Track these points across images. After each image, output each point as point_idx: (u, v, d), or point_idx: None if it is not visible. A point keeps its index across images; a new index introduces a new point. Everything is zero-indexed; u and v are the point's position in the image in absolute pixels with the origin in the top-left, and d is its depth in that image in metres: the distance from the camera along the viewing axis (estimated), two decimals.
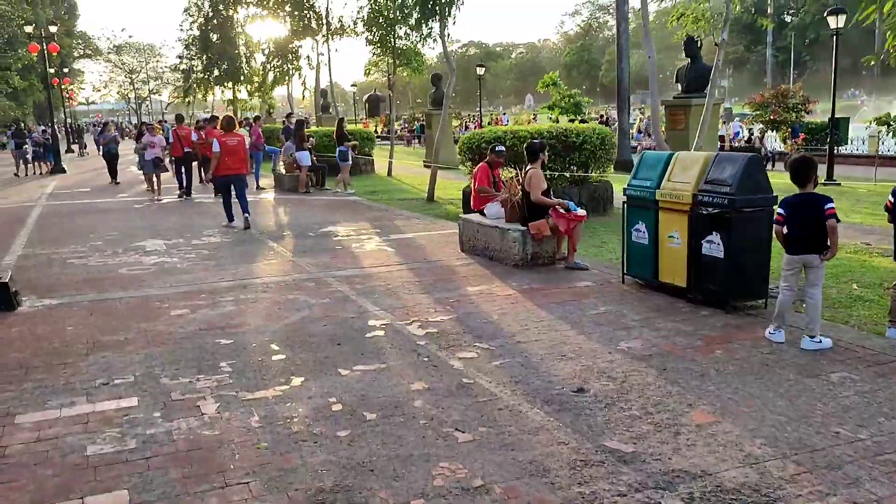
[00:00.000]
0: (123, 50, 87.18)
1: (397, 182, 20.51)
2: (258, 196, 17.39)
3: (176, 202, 16.32)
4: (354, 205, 15.29)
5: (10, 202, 17.36)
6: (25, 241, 11.27)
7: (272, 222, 13.05)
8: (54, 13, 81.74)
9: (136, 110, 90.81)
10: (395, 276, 8.22)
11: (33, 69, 62.50)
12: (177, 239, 11.08)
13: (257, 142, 19.00)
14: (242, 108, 48.24)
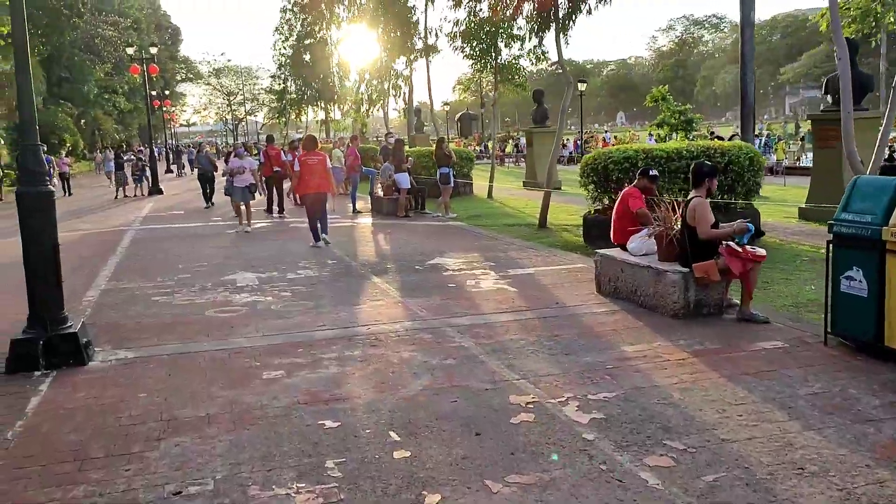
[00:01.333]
0: (222, 73, 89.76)
1: (499, 205, 19.13)
2: (355, 220, 16.32)
3: (268, 226, 15.42)
4: (459, 231, 13.97)
5: (106, 226, 16.88)
6: (112, 271, 10.42)
7: (372, 252, 11.84)
8: (158, 38, 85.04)
9: (233, 131, 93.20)
10: (527, 328, 6.77)
11: (138, 92, 64.73)
12: (270, 271, 9.98)
13: (354, 163, 18.00)
14: (335, 128, 48.14)
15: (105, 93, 62.62)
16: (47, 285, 6.00)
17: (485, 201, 20.02)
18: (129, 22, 60.92)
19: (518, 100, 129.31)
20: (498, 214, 16.65)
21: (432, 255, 11.02)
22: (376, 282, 9.15)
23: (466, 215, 16.36)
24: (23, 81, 6.05)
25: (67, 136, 47.22)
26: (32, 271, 5.98)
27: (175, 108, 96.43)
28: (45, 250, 6.00)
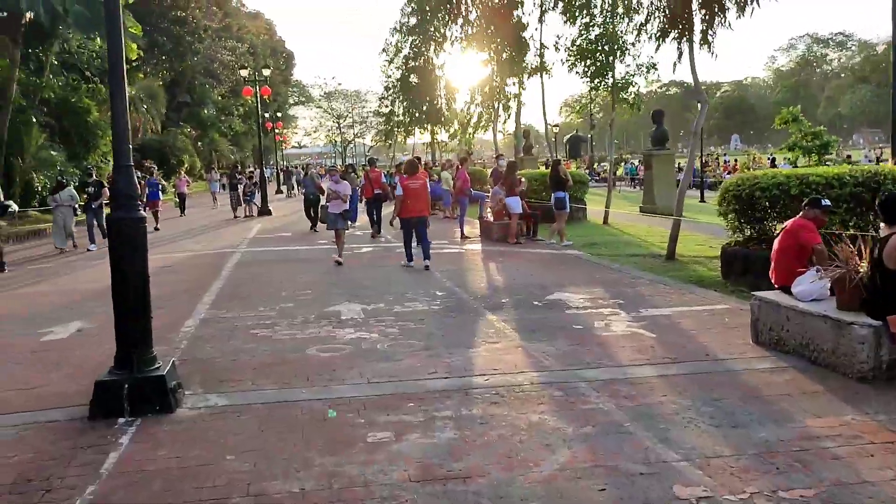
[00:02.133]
0: (333, 97, 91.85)
1: (617, 232, 17.88)
2: (463, 246, 15.51)
3: (372, 250, 14.81)
4: (576, 261, 12.90)
5: (214, 247, 16.77)
6: (214, 297, 9.96)
7: (484, 283, 10.94)
8: (273, 63, 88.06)
9: (342, 153, 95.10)
10: (677, 386, 5.67)
11: (252, 114, 66.94)
12: (376, 302, 9.24)
13: (463, 186, 17.23)
14: (442, 150, 47.86)
15: (222, 115, 65.09)
16: (135, 321, 5.41)
17: (601, 228, 18.83)
18: (246, 47, 63.10)
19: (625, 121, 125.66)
20: (617, 243, 15.44)
21: (550, 288, 10.01)
22: (491, 319, 8.23)
23: (583, 243, 15.26)
24: (118, 103, 5.50)
25: (186, 157, 48.98)
26: (120, 305, 5.41)
27: (286, 131, 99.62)
28: (134, 282, 5.42)
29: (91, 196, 17.16)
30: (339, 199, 13.10)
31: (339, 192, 13.12)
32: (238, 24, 75.03)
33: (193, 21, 46.07)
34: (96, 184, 17.48)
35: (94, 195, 17.11)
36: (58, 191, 16.92)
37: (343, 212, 13.17)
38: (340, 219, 13.12)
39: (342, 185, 13.37)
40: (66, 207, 16.35)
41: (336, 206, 13.11)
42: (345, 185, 13.50)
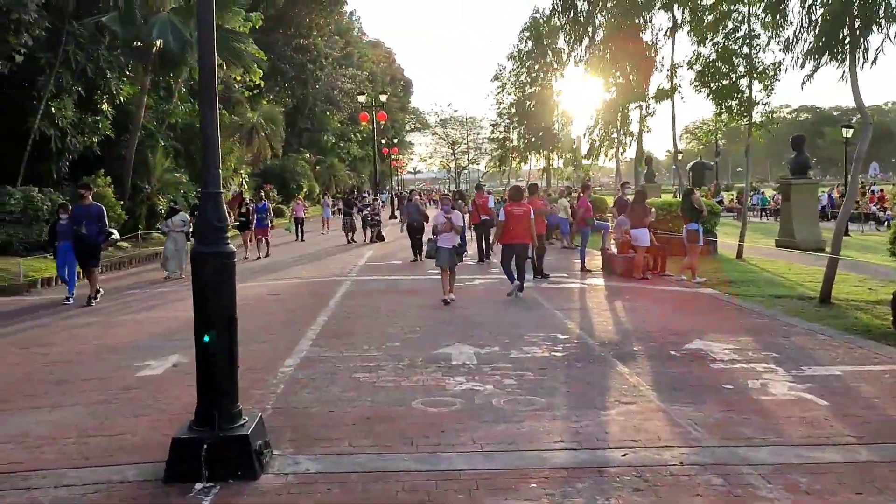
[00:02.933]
0: (448, 123, 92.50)
1: (754, 268, 16.24)
2: (584, 280, 14.38)
3: (484, 283, 13.92)
4: (714, 302, 11.55)
5: (324, 274, 16.38)
6: (318, 331, 9.34)
7: (610, 325, 9.81)
8: (391, 91, 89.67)
9: (455, 179, 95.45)
10: (875, 481, 4.44)
11: (370, 140, 68.11)
12: (490, 345, 8.33)
13: (585, 215, 16.13)
14: (558, 177, 46.73)
15: (340, 141, 66.49)
16: (218, 372, 4.73)
17: (735, 263, 17.20)
18: (366, 75, 64.35)
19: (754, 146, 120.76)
20: (758, 281, 13.88)
21: (688, 335, 8.79)
22: (623, 372, 7.14)
23: (717, 280, 13.82)
24: (208, 125, 4.89)
25: (305, 182, 50.03)
26: (202, 353, 4.73)
27: (402, 156, 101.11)
28: (219, 328, 4.72)
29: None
30: (452, 231, 11.56)
31: (453, 223, 11.55)
32: (359, 52, 76.92)
33: (315, 49, 47.16)
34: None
35: None
36: (170, 216, 16.78)
37: (455, 246, 11.59)
38: (452, 255, 11.57)
39: (455, 216, 11.77)
40: (179, 233, 16.00)
41: (447, 239, 11.54)
42: (457, 216, 11.89)
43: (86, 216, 12.04)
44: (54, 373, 7.57)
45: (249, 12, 30.53)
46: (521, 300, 11.69)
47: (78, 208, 12.37)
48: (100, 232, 12.17)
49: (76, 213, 12.27)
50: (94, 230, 12.06)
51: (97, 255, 12.61)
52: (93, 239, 12.09)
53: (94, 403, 6.40)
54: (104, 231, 12.19)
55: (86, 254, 12.24)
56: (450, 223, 11.56)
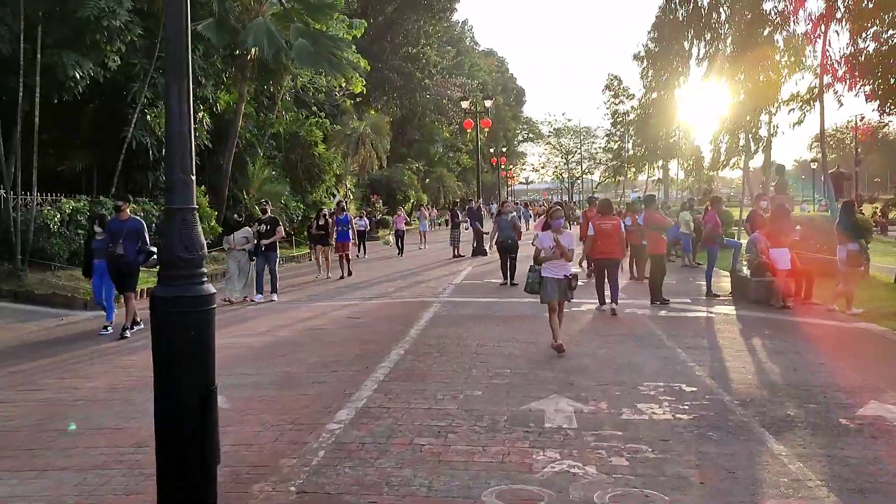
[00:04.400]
0: (562, 132, 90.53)
1: None
2: (711, 308, 12.26)
3: (594, 311, 12.05)
4: (880, 343, 9.28)
5: (413, 294, 14.94)
6: (389, 370, 7.84)
7: (751, 373, 7.75)
8: (504, 100, 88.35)
9: (569, 189, 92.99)
10: None
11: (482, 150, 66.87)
12: (596, 399, 6.56)
13: (714, 231, 13.91)
14: (677, 188, 43.85)
15: (450, 151, 65.58)
16: (182, 469, 3.26)
17: (894, 290, 14.52)
18: (476, 84, 63.13)
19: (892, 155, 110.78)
20: None
21: (859, 393, 6.72)
22: (777, 452, 5.22)
23: (879, 312, 11.40)
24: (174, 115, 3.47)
25: (412, 193, 49.25)
26: (162, 439, 3.30)
27: (514, 167, 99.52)
28: (185, 407, 3.27)
29: (261, 235, 14.12)
30: (562, 256, 8.65)
31: (563, 245, 8.62)
32: (470, 61, 75.98)
33: (424, 58, 46.36)
34: (270, 221, 14.44)
35: (266, 233, 14.15)
36: (236, 230, 14.42)
37: (567, 277, 8.71)
38: (563, 288, 8.70)
39: (565, 237, 8.81)
40: (241, 252, 13.93)
41: (556, 268, 8.70)
42: (568, 237, 8.88)
43: (122, 232, 10.40)
44: (70, 416, 6.41)
45: (354, 19, 29.90)
46: (636, 335, 9.80)
47: (113, 223, 10.77)
48: (139, 251, 10.44)
49: (111, 229, 10.62)
50: (132, 249, 10.40)
51: (135, 277, 10.80)
52: (130, 258, 10.42)
53: (89, 468, 5.12)
54: (144, 250, 10.41)
55: (122, 275, 10.58)
56: (560, 247, 8.56)
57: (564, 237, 8.76)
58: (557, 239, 8.65)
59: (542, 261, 8.72)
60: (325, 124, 29.53)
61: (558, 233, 8.76)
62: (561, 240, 8.65)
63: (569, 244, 8.77)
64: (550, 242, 8.68)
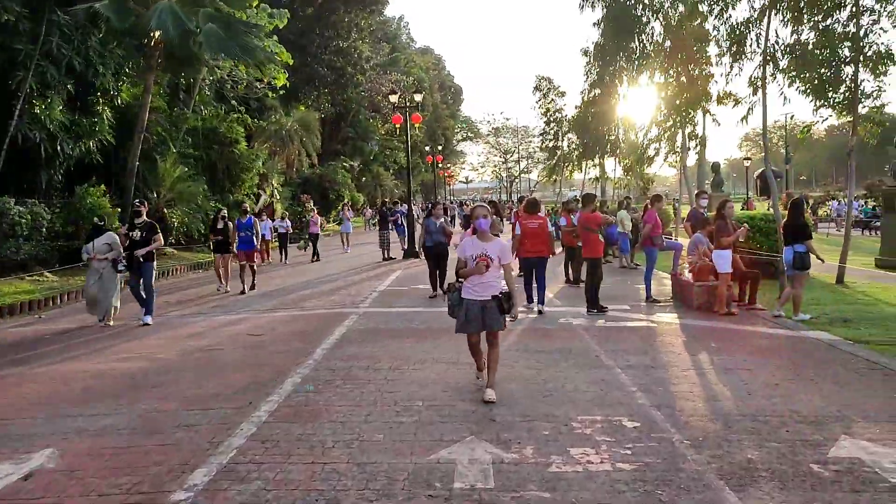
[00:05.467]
0: (500, 132, 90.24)
1: (865, 298, 12.91)
2: (651, 316, 11.28)
3: (526, 322, 10.95)
4: (836, 356, 8.34)
5: (330, 303, 13.57)
6: (275, 407, 6.51)
7: (701, 399, 6.66)
8: (441, 98, 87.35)
9: (507, 188, 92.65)
10: None
11: (417, 148, 65.54)
12: (521, 443, 5.40)
13: (654, 232, 12.95)
14: (614, 187, 43.33)
15: (387, 149, 64.05)
16: None
17: (838, 291, 13.86)
18: (412, 80, 61.82)
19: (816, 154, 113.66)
20: (882, 320, 10.56)
21: (827, 423, 5.73)
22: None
23: (829, 318, 10.60)
24: None
25: (346, 192, 47.68)
26: None
27: (451, 166, 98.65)
28: None
29: (134, 244, 11.45)
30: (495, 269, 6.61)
31: (491, 257, 6.54)
32: (406, 58, 74.53)
33: (356, 53, 44.77)
34: (146, 227, 11.62)
35: (140, 241, 11.44)
36: (93, 237, 11.59)
37: (498, 298, 6.55)
38: (490, 314, 6.55)
39: (494, 245, 6.67)
40: (103, 262, 11.31)
41: (481, 287, 6.57)
42: (497, 246, 6.68)
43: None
44: None
45: (279, 9, 28.26)
46: (571, 351, 8.69)
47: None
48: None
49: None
50: None
51: None
52: None
53: None
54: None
55: None
56: (486, 259, 6.50)
57: (492, 245, 6.65)
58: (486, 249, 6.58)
59: (466, 275, 6.66)
60: (246, 120, 27.83)
61: (485, 238, 6.68)
62: (488, 248, 6.61)
63: (503, 256, 6.67)
64: (475, 251, 6.63)
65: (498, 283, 6.62)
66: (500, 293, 6.58)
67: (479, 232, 6.72)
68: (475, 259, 6.56)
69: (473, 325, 6.59)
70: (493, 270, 6.59)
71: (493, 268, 6.58)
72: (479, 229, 6.73)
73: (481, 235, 6.72)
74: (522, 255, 12.07)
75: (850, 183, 15.62)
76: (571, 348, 8.83)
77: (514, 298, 6.64)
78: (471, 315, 6.57)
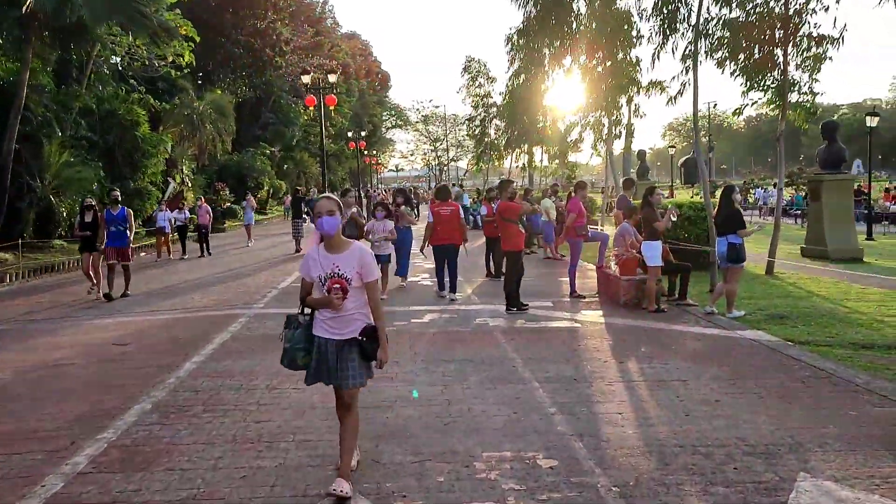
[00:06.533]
0: (430, 120, 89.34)
1: (796, 290, 12.25)
2: (575, 315, 10.27)
3: (439, 321, 9.81)
4: (776, 361, 7.45)
5: (222, 303, 12.07)
6: (111, 442, 5.18)
7: (631, 424, 5.60)
8: (368, 84, 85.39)
9: (437, 176, 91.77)
10: None
11: (342, 135, 63.63)
12: (408, 495, 4.22)
13: (578, 222, 11.91)
14: (540, 175, 42.67)
15: (311, 135, 61.84)
16: None
17: (767, 283, 13.18)
18: (336, 65, 59.78)
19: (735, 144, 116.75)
20: (817, 316, 9.78)
21: (779, 455, 4.76)
22: None
23: (762, 315, 9.79)
24: None
25: (265, 180, 45.60)
26: None
27: (382, 153, 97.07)
28: None
29: None
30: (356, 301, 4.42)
31: (349, 277, 4.32)
32: (331, 42, 72.22)
33: (274, 34, 42.65)
34: None
35: None
36: None
37: (361, 340, 4.37)
38: (347, 359, 4.39)
39: (349, 257, 4.37)
40: None
41: (336, 322, 4.41)
42: (356, 257, 4.38)
43: None
44: None
45: None
46: (483, 360, 7.55)
47: None
48: None
49: None
50: None
51: None
52: None
53: None
54: None
55: None
56: (341, 279, 4.31)
57: (347, 258, 4.33)
58: (336, 263, 4.30)
59: (315, 306, 4.43)
60: (148, 101, 25.73)
61: (335, 248, 4.35)
62: (341, 263, 4.30)
63: (362, 269, 4.34)
64: (323, 269, 4.31)
65: (363, 312, 4.41)
66: (364, 328, 4.34)
67: (325, 239, 4.39)
68: (324, 282, 4.30)
69: (321, 375, 4.44)
70: (354, 295, 4.33)
71: (354, 290, 4.31)
72: (325, 235, 4.35)
73: (329, 243, 4.37)
74: (434, 243, 11.93)
75: (780, 169, 14.97)
76: (484, 357, 7.69)
77: (381, 337, 4.34)
78: (323, 360, 4.39)
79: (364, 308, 4.41)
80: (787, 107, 14.21)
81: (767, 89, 14.60)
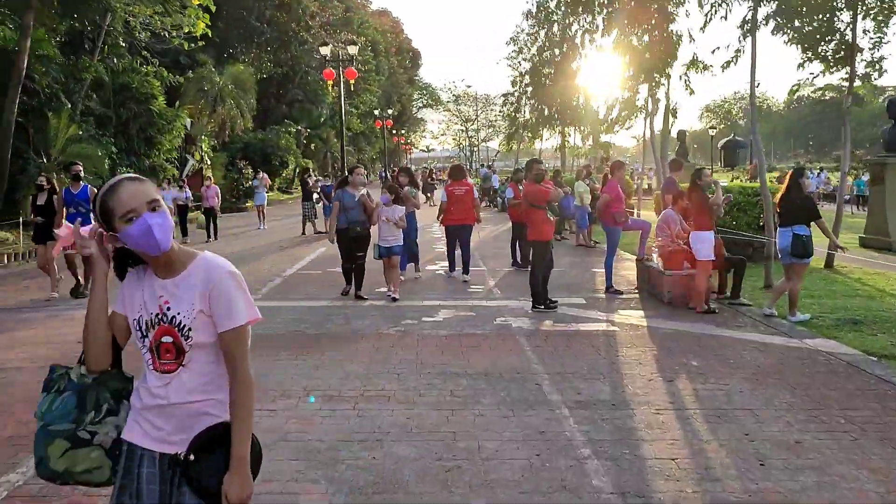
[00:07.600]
0: (461, 100, 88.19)
1: (864, 287, 10.79)
2: (611, 313, 8.93)
3: (454, 320, 8.55)
4: (873, 387, 6.07)
5: None
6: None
7: (687, 471, 4.33)
8: (398, 62, 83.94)
9: (469, 157, 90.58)
10: None
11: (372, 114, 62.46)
12: None
13: (615, 209, 10.42)
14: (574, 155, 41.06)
15: (337, 114, 60.71)
16: None
17: (830, 278, 11.71)
18: (365, 41, 58.37)
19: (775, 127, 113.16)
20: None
21: None
22: None
23: (832, 319, 8.38)
24: None
25: (291, 158, 44.54)
26: None
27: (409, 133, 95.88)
28: None
29: None
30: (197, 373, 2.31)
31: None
32: (360, 18, 70.78)
33: (300, 8, 41.37)
34: None
35: None
36: None
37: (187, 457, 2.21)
38: None
39: None
40: None
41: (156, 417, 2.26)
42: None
43: None
44: None
45: None
46: (500, 375, 6.27)
47: None
48: None
49: None
50: None
51: None
52: None
53: None
54: None
55: None
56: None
57: (181, 287, 2.28)
58: None
59: None
60: (162, 73, 24.70)
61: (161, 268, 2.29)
62: (168, 296, 2.27)
63: (218, 308, 2.26)
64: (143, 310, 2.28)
65: (216, 397, 2.29)
66: (200, 434, 2.22)
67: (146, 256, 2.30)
68: (146, 332, 2.28)
69: None
70: (199, 359, 2.27)
71: (198, 348, 2.25)
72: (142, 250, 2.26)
73: (156, 262, 2.30)
74: (447, 223, 11.74)
75: (845, 149, 13.30)
76: (503, 370, 6.41)
77: (238, 450, 2.17)
78: (136, 494, 2.21)
79: (219, 386, 2.28)
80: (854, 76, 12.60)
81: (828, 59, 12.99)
